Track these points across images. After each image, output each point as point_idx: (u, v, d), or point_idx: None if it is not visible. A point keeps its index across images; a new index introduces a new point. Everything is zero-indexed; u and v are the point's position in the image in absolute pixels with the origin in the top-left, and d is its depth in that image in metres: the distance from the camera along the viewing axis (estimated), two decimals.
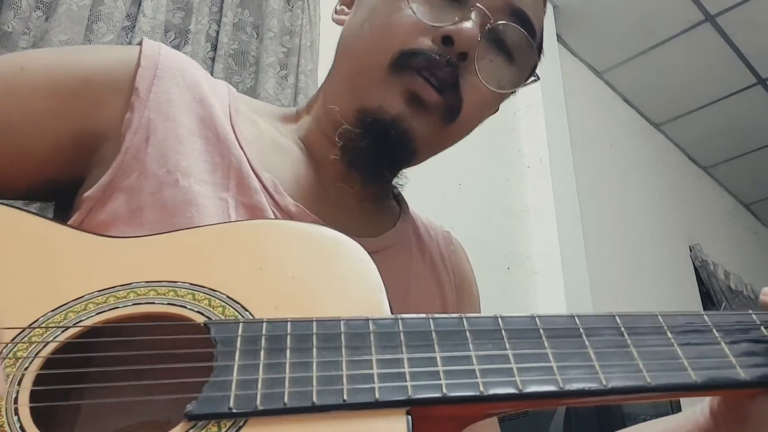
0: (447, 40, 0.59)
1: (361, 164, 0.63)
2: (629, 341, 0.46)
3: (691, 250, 3.66)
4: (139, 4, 1.58)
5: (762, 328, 0.49)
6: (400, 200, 0.76)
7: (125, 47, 0.64)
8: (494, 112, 0.71)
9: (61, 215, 0.59)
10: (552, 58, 2.77)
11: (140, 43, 0.62)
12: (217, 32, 1.76)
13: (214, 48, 1.74)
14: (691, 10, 2.87)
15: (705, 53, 3.09)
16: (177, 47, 1.65)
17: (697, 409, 0.56)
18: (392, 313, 0.46)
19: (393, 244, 0.68)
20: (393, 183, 0.75)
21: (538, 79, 0.70)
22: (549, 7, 2.87)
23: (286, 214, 0.60)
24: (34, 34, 1.41)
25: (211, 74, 1.69)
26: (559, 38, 2.96)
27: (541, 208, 2.40)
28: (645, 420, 0.66)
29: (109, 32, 1.50)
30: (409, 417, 0.40)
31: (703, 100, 3.43)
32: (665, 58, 3.13)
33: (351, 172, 0.64)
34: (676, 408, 1.75)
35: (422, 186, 2.05)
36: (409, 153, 0.62)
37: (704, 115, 3.53)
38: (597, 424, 1.53)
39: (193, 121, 0.60)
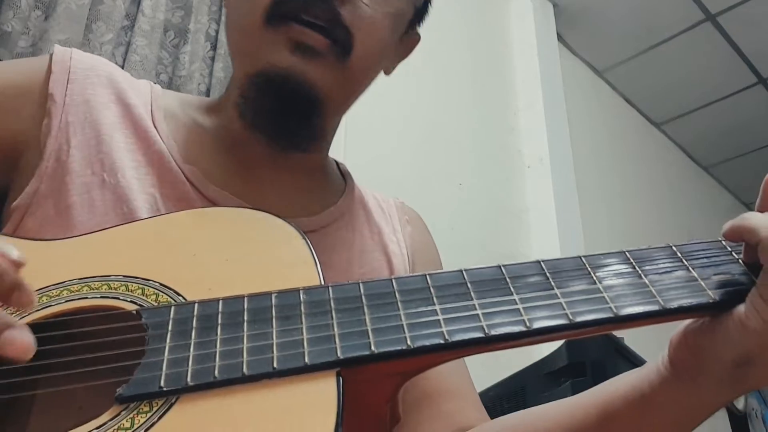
0: None
1: (266, 124, 0.63)
2: (553, 284, 0.46)
3: None
4: (139, 4, 1.58)
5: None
6: (345, 176, 0.76)
7: (37, 57, 0.66)
8: (410, 36, 0.71)
9: None
10: (552, 58, 2.76)
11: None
12: (217, 31, 1.75)
13: (214, 47, 1.74)
14: (692, 10, 2.87)
15: (706, 52, 3.08)
16: (176, 46, 1.65)
17: (657, 359, 0.51)
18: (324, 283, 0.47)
19: (334, 220, 0.69)
20: (333, 158, 0.75)
21: None
22: (549, 7, 2.88)
23: (211, 202, 0.60)
24: (33, 34, 1.41)
25: (211, 73, 1.70)
26: (560, 37, 2.95)
27: (541, 208, 2.39)
28: None
29: (108, 31, 1.49)
30: (340, 378, 0.40)
31: (704, 99, 3.42)
32: (666, 58, 3.12)
33: (270, 143, 0.64)
34: None
35: (422, 185, 2.04)
36: (313, 104, 0.61)
37: (705, 115, 3.52)
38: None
39: (113, 118, 0.61)
